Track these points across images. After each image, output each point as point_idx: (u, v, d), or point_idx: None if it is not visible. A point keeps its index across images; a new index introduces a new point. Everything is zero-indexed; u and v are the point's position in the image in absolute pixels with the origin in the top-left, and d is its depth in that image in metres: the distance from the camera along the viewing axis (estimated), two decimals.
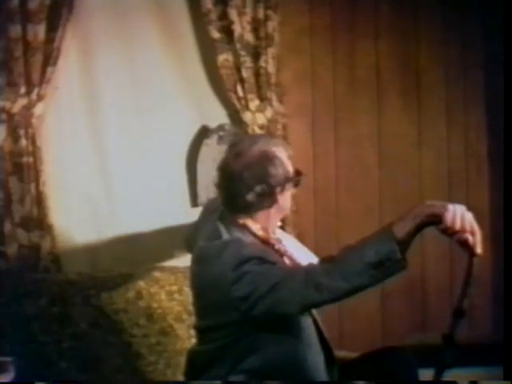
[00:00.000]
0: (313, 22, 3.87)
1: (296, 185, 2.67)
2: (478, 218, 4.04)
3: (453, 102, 4.08)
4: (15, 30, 3.29)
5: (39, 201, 3.33)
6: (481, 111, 4.09)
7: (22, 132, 3.32)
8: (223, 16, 3.59)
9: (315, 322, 2.63)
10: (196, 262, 2.67)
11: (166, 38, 3.63)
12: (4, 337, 3.00)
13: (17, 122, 3.32)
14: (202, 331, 2.67)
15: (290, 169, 2.63)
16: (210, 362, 2.61)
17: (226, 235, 2.58)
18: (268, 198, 2.58)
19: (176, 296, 3.23)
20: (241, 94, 3.62)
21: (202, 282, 2.61)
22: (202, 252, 2.62)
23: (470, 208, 2.39)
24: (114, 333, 3.13)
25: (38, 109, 3.34)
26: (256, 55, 3.63)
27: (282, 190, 2.61)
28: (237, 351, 2.56)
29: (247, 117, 3.63)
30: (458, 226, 2.25)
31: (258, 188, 2.56)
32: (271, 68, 3.65)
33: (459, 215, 2.26)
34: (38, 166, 3.34)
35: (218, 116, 3.69)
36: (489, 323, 4.04)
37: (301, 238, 3.63)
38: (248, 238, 2.57)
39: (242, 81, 3.62)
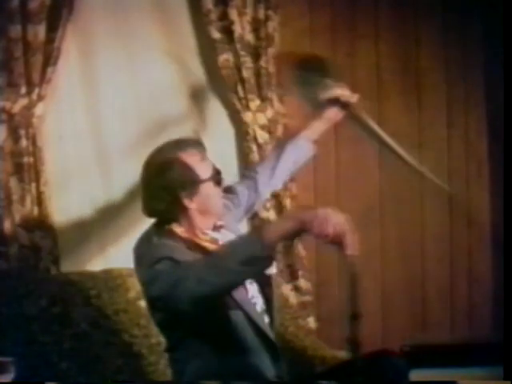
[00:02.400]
0: (313, 23, 3.87)
1: (217, 183, 2.67)
2: (479, 218, 4.07)
3: (453, 102, 4.07)
4: (15, 31, 3.30)
5: (40, 201, 3.34)
6: (481, 111, 4.09)
7: (22, 132, 3.33)
8: (223, 16, 3.59)
9: (247, 315, 2.60)
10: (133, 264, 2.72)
11: (166, 38, 3.63)
12: (4, 337, 3.00)
13: (17, 122, 3.33)
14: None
15: (201, 171, 2.63)
16: (173, 366, 2.71)
17: (155, 239, 2.61)
18: (174, 204, 2.60)
19: None
20: (241, 94, 3.62)
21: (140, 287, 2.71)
22: (134, 255, 2.66)
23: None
24: (115, 333, 3.13)
25: (39, 109, 3.35)
26: (256, 55, 3.63)
27: (191, 194, 2.61)
28: (182, 356, 2.63)
29: (248, 117, 3.63)
30: (324, 231, 2.30)
31: (164, 195, 2.59)
32: (272, 68, 3.65)
33: (324, 220, 2.30)
34: (38, 166, 3.35)
35: (218, 116, 3.69)
36: (489, 323, 4.05)
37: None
38: (174, 241, 2.59)
39: (242, 81, 3.62)
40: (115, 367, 3.08)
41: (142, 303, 3.17)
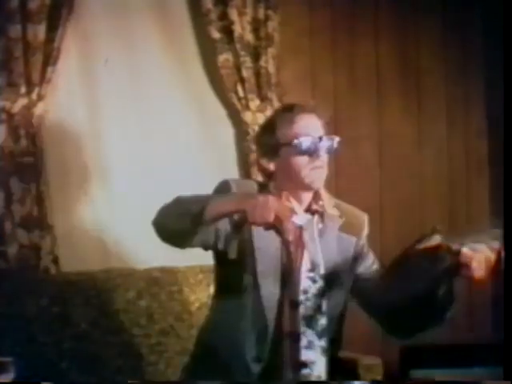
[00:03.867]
0: (313, 23, 3.87)
1: (299, 152, 2.54)
2: (478, 217, 4.07)
3: (453, 102, 4.08)
4: (15, 30, 3.30)
5: (39, 201, 3.34)
6: (481, 111, 4.09)
7: (22, 132, 3.33)
8: (223, 16, 3.59)
9: (259, 297, 2.51)
10: None
11: (167, 38, 3.63)
12: (4, 337, 3.00)
13: (17, 121, 3.33)
14: None
15: (283, 135, 2.57)
16: None
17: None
18: (259, 162, 2.66)
19: (176, 296, 3.23)
20: (241, 94, 3.62)
21: None
22: None
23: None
24: (115, 333, 3.13)
25: (39, 109, 3.35)
26: (256, 55, 3.63)
27: (270, 155, 2.59)
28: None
29: (248, 117, 3.63)
30: (265, 218, 2.25)
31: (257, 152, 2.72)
32: (271, 68, 3.65)
33: (265, 207, 2.25)
34: (38, 166, 3.35)
35: (218, 116, 3.69)
36: (489, 323, 4.04)
37: None
38: (261, 190, 2.56)
39: (242, 81, 3.62)
40: (115, 367, 3.09)
41: (142, 303, 3.18)
